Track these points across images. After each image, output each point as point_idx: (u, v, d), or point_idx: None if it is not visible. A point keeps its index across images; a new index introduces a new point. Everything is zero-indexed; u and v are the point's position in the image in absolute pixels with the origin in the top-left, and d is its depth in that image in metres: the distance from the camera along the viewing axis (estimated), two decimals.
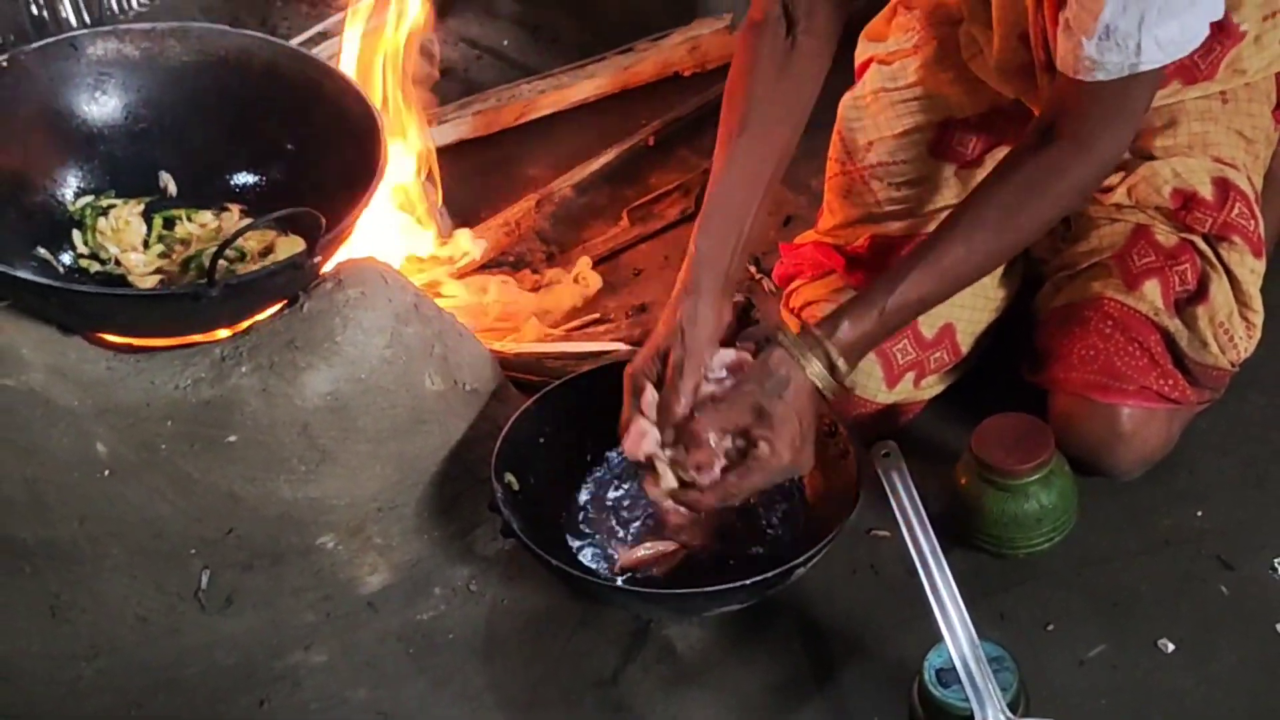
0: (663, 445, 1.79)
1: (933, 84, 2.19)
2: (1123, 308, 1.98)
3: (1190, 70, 2.00)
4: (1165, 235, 2.01)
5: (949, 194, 2.16)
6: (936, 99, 2.18)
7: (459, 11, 3.48)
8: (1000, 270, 2.12)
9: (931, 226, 2.09)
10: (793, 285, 2.24)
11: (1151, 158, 2.04)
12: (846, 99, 2.26)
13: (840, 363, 1.78)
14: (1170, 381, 1.97)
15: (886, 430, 2.08)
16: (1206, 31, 1.72)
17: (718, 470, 1.76)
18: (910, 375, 2.10)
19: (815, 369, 1.77)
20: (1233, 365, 2.01)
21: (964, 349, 2.15)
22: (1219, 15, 1.73)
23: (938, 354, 2.12)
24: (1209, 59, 2.00)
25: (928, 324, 2.09)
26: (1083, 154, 1.79)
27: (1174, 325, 1.97)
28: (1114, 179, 2.03)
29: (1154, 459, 2.01)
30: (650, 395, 1.81)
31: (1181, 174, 2.01)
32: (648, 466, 1.80)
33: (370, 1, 2.53)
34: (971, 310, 2.13)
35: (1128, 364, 1.96)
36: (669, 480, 1.78)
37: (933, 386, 2.15)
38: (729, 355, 1.84)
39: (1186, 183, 2.01)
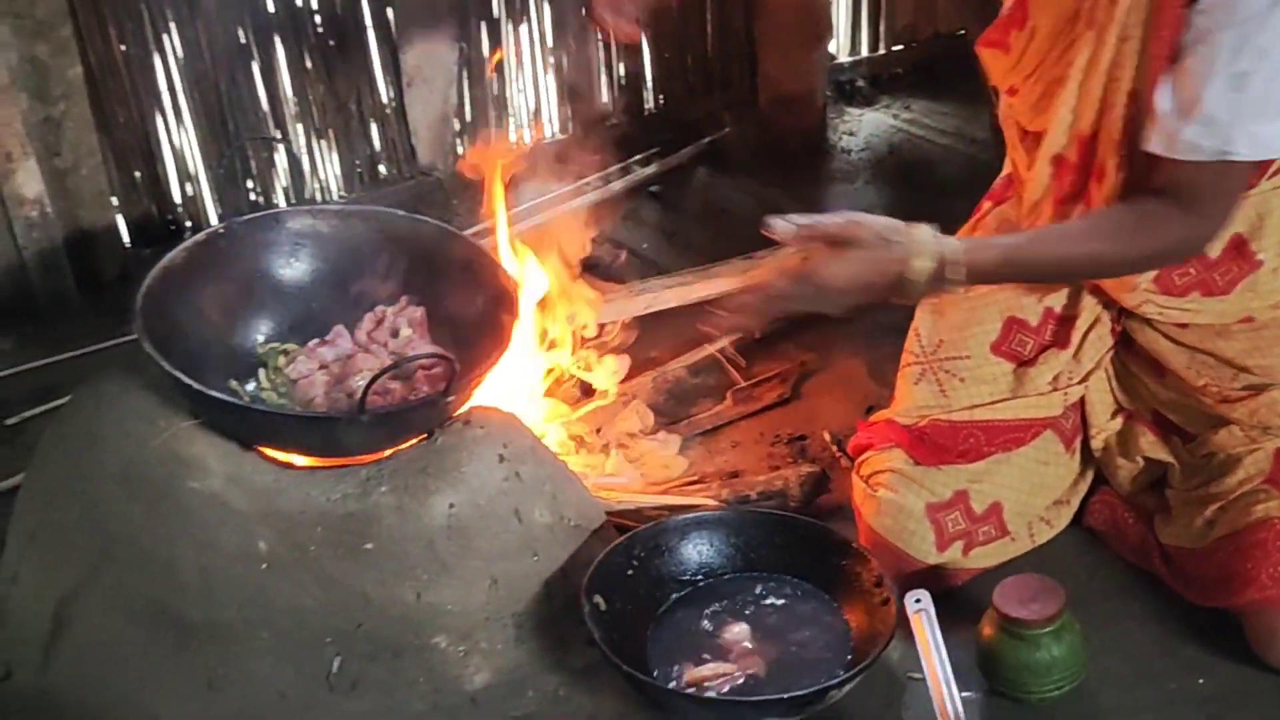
0: None
1: (998, 290, 2.45)
2: None
3: (1208, 284, 2.26)
4: None
5: (1003, 387, 2.42)
6: (1000, 303, 2.45)
7: (609, 217, 3.94)
8: (1060, 471, 2.41)
9: (982, 415, 2.39)
10: (864, 456, 2.51)
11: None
12: (925, 304, 2.54)
13: (948, 270, 2.03)
14: None
15: (937, 591, 2.29)
16: None
17: None
18: (959, 544, 2.36)
19: (921, 263, 2.02)
20: None
21: (1010, 529, 2.40)
22: None
23: (985, 528, 2.39)
24: (1226, 278, 2.26)
25: (978, 499, 2.36)
26: (1188, 216, 2.06)
27: None
28: (1236, 399, 2.30)
29: None
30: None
31: None
32: None
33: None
34: (1020, 494, 2.40)
35: None
36: None
37: (982, 559, 2.39)
38: None
39: None
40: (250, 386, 2.45)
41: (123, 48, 3.51)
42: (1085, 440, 2.50)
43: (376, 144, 3.96)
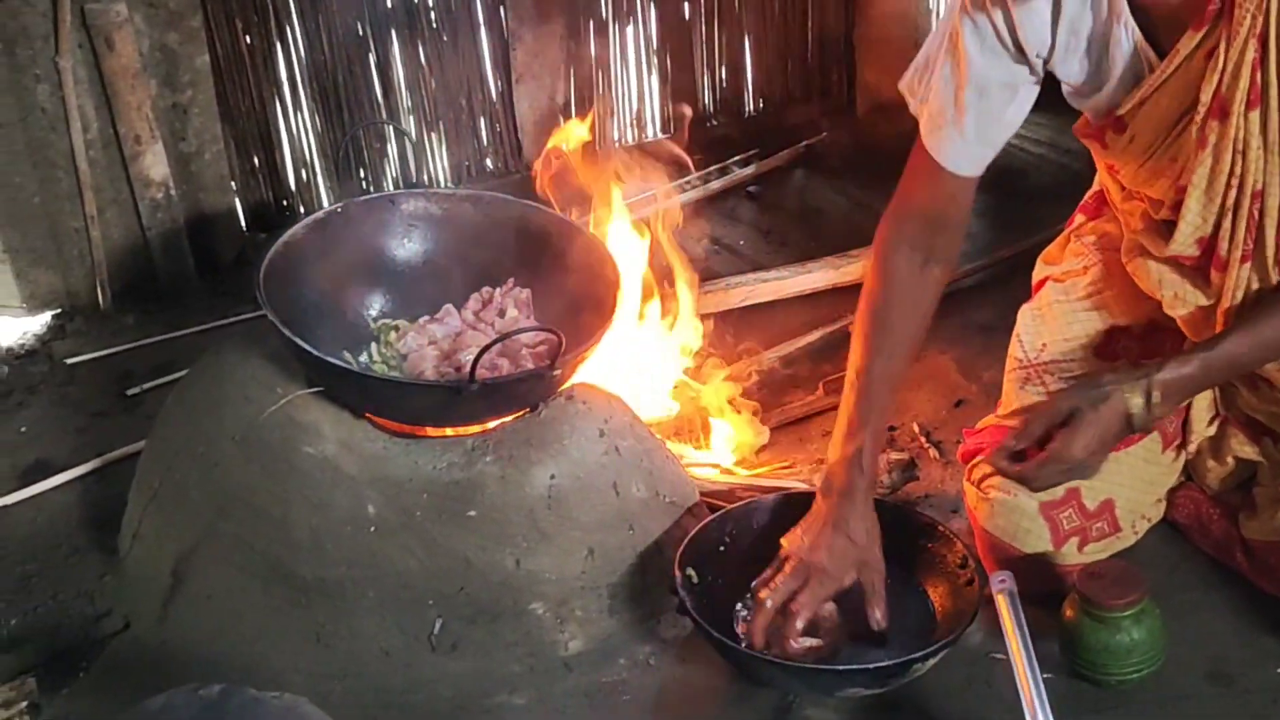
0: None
1: (1099, 298, 2.53)
2: None
3: None
4: None
5: None
6: (1102, 310, 2.51)
7: (708, 214, 4.04)
8: (1162, 470, 2.46)
9: None
10: (974, 461, 2.53)
11: None
12: (1025, 309, 2.61)
13: (1157, 397, 2.12)
14: None
15: (1053, 586, 2.38)
16: None
17: None
18: (1074, 540, 2.41)
19: (1136, 400, 2.12)
20: None
21: (1121, 525, 2.44)
22: None
23: (1098, 524, 2.43)
24: None
25: (1090, 496, 2.40)
26: None
27: None
28: None
29: None
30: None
31: None
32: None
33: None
34: (1131, 490, 2.44)
35: None
36: None
37: (1096, 553, 2.43)
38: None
39: None
40: (362, 359, 2.57)
41: (248, 39, 3.66)
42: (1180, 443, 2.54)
43: (484, 138, 4.08)
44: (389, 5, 3.78)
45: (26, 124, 3.41)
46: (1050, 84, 2.30)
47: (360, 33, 3.77)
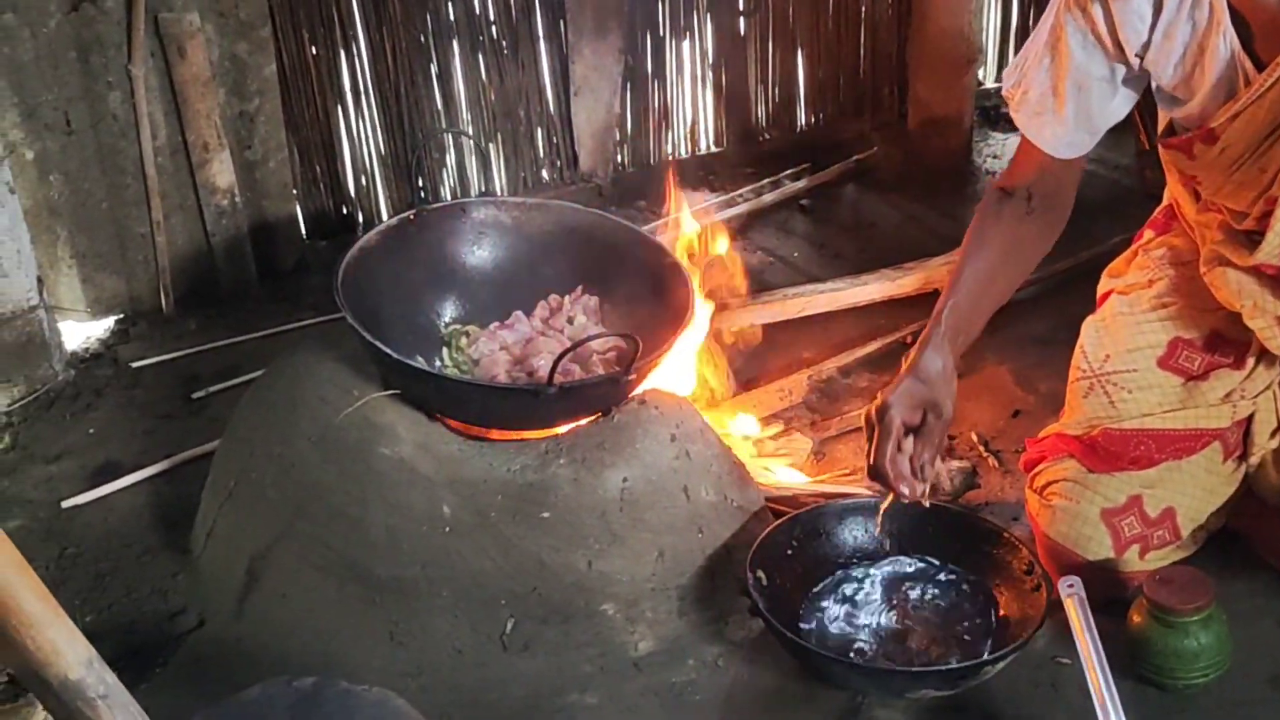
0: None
1: (1164, 310, 2.54)
2: None
3: None
4: None
5: (1172, 399, 2.47)
6: (1166, 322, 2.52)
7: (760, 227, 4.09)
8: (1222, 481, 2.48)
9: (1153, 423, 2.47)
10: (1037, 469, 2.58)
11: None
12: (1090, 320, 2.63)
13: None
14: None
15: (1114, 593, 2.40)
16: None
17: None
18: (1136, 547, 2.44)
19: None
20: None
21: (1183, 533, 2.46)
22: None
23: (1160, 532, 2.45)
24: None
25: (1152, 504, 2.43)
26: None
27: None
28: None
29: None
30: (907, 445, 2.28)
31: None
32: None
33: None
34: (1192, 499, 2.47)
35: None
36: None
37: (1157, 561, 2.45)
38: None
39: None
40: (437, 364, 2.61)
41: (313, 49, 3.72)
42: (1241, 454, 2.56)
43: (541, 149, 4.13)
44: (451, 16, 3.83)
45: (98, 131, 3.47)
46: None
47: (422, 42, 3.82)
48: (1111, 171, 4.31)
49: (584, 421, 2.49)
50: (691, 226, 3.02)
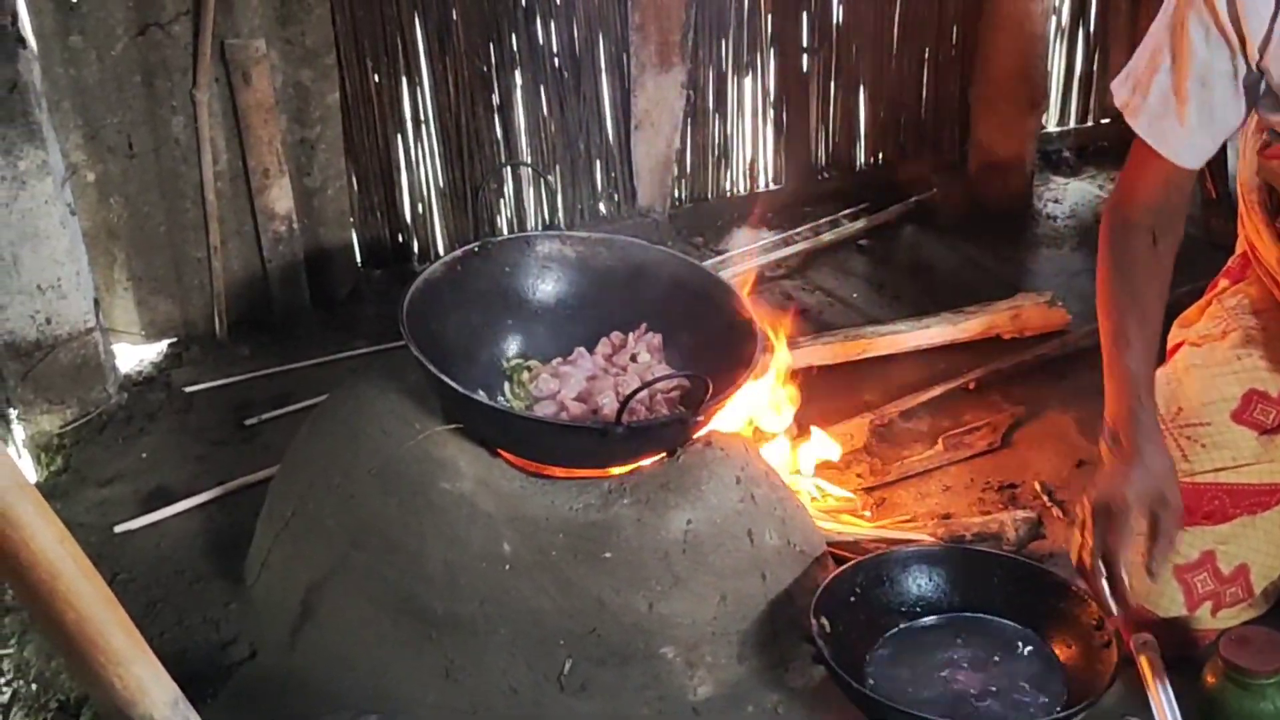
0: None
1: (1239, 363, 2.49)
2: None
3: None
4: None
5: (1247, 453, 2.42)
6: (1240, 374, 2.47)
7: (819, 266, 4.05)
8: None
9: (1227, 478, 2.41)
10: None
11: None
12: (1160, 372, 2.54)
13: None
14: None
15: (1184, 650, 2.36)
16: None
17: None
18: (1208, 604, 2.39)
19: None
20: None
21: (1256, 589, 2.42)
22: None
23: (1232, 589, 2.41)
24: None
25: (1225, 560, 2.39)
26: None
27: None
28: None
29: None
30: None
31: None
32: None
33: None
34: (1265, 556, 2.42)
35: None
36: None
37: (1228, 619, 2.41)
38: None
39: None
40: (500, 399, 2.58)
41: (376, 77, 3.71)
42: None
43: (599, 182, 4.11)
44: (515, 47, 3.82)
45: (159, 154, 3.47)
46: None
47: (485, 73, 3.81)
48: None
49: (647, 462, 2.45)
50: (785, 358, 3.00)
